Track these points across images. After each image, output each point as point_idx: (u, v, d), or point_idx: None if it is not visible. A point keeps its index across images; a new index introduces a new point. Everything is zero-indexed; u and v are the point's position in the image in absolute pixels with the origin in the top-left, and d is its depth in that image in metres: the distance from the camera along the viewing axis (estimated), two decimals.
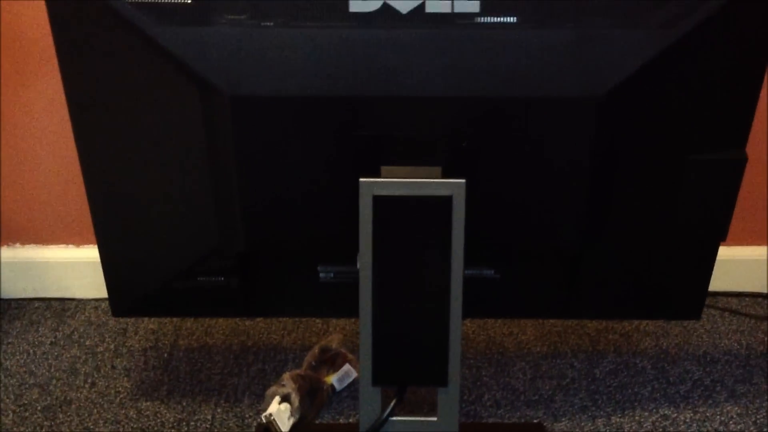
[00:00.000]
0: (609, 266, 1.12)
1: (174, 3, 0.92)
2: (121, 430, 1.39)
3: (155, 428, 1.39)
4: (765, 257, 1.74)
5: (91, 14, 0.94)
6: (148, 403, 1.44)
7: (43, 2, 0.94)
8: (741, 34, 0.96)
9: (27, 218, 1.68)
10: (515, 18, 0.93)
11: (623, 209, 1.06)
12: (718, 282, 1.71)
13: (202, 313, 1.37)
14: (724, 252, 1.16)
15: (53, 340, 1.61)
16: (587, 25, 0.93)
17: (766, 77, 0.99)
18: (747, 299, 1.73)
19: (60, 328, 1.64)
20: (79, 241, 1.71)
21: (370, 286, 1.05)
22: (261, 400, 1.40)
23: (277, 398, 1.34)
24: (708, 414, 1.43)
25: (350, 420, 1.41)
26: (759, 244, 1.74)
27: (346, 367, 1.46)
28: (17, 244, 1.71)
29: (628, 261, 1.12)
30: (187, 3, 0.92)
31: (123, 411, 1.43)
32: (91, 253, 1.69)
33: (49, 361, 1.55)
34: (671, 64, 0.95)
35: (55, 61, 0.99)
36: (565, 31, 0.93)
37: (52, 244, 1.71)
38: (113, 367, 1.53)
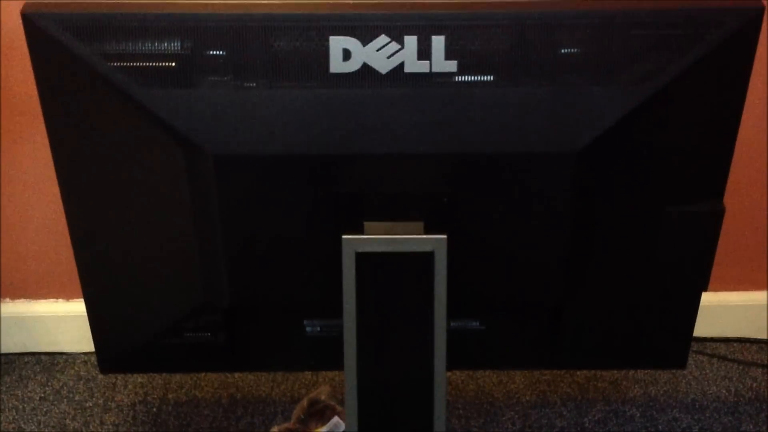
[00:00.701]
0: (592, 317, 1.13)
1: (158, 65, 0.94)
2: None
3: None
4: (753, 303, 1.75)
5: (77, 77, 0.95)
6: None
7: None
8: (715, 89, 0.98)
9: (16, 273, 1.68)
10: (492, 77, 0.95)
11: (604, 261, 1.07)
12: (706, 328, 1.73)
13: (190, 369, 1.37)
14: (711, 298, 1.17)
15: (42, 395, 1.61)
16: (562, 82, 0.95)
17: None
18: (735, 345, 1.74)
19: (49, 383, 1.64)
20: (68, 295, 1.71)
21: (355, 341, 1.06)
22: None
23: None
24: None
25: None
26: (747, 290, 1.75)
27: (335, 419, 1.46)
28: (7, 299, 1.72)
29: (611, 312, 1.13)
30: (171, 66, 0.94)
31: None
32: (80, 306, 1.68)
33: (38, 417, 1.55)
34: (646, 119, 0.97)
35: (42, 117, 1.01)
36: (540, 88, 0.95)
37: (41, 298, 1.72)
38: (102, 423, 1.53)
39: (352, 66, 0.94)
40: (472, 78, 0.95)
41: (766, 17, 0.94)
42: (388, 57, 0.93)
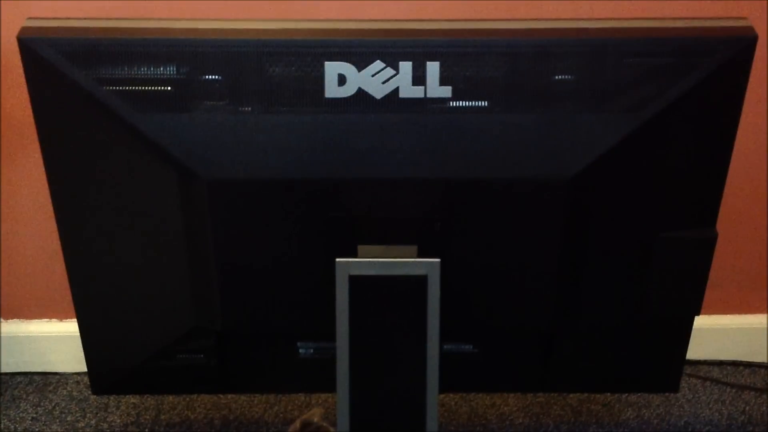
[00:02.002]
0: (585, 341, 1.13)
1: (154, 90, 0.94)
2: None
3: None
4: (746, 326, 1.75)
5: (73, 101, 0.95)
6: None
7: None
8: (707, 116, 0.99)
9: (9, 293, 1.68)
10: (486, 102, 0.95)
11: (596, 286, 1.07)
12: (699, 351, 1.73)
13: (182, 391, 1.37)
14: (704, 321, 1.17)
15: (35, 415, 1.61)
16: (556, 108, 0.96)
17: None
18: (728, 368, 1.74)
19: (42, 404, 1.64)
20: (62, 315, 1.71)
21: (348, 364, 1.06)
22: None
23: None
24: None
25: None
26: (740, 313, 1.75)
27: None
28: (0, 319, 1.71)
29: (604, 336, 1.13)
30: (167, 90, 0.94)
31: None
32: (73, 326, 1.68)
33: None
34: (639, 146, 0.98)
35: (37, 141, 1.01)
36: (534, 114, 0.96)
37: (34, 318, 1.71)
38: None
39: (347, 91, 0.94)
40: (467, 104, 0.95)
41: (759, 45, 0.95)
42: (383, 82, 0.94)
